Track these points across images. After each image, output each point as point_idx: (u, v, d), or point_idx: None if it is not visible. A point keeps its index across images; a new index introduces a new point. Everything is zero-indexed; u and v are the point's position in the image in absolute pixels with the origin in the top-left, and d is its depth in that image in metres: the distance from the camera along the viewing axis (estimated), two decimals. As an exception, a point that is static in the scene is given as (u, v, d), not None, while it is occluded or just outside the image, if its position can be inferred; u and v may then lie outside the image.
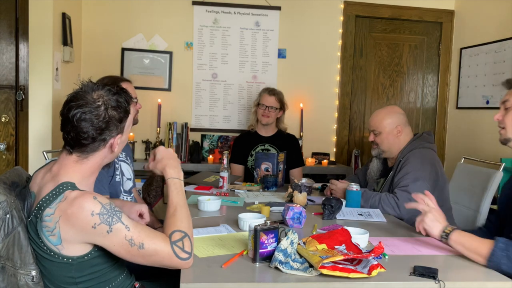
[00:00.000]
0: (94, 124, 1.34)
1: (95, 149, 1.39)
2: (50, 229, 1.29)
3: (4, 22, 2.97)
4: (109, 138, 1.39)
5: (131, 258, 1.33)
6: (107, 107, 1.37)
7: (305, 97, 4.08)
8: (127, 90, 1.47)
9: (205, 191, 2.64)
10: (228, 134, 4.04)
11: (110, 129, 1.38)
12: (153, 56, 3.93)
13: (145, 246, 1.30)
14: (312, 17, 4.07)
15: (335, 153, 4.19)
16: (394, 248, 1.70)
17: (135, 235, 1.30)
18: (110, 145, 1.41)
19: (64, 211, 1.27)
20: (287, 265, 1.43)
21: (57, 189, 1.32)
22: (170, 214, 1.42)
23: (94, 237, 1.30)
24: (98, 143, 1.38)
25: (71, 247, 1.32)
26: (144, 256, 1.32)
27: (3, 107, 2.99)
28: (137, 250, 1.30)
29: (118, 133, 1.42)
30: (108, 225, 1.28)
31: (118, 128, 1.40)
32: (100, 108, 1.35)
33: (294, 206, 1.95)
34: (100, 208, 1.28)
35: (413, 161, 2.38)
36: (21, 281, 1.34)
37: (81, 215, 1.26)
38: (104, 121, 1.36)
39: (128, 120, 1.45)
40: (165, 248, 1.33)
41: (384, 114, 2.58)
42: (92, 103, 1.35)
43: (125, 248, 1.30)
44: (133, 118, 1.53)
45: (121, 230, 1.29)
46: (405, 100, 4.29)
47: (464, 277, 1.48)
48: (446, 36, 4.22)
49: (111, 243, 1.30)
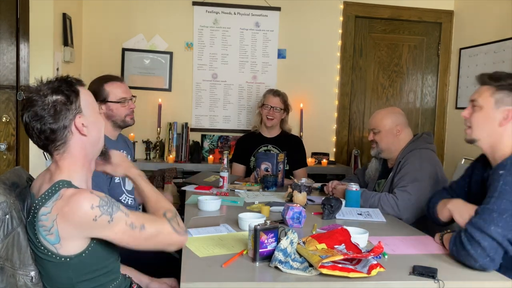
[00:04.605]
0: (44, 116, 1.32)
1: (65, 140, 1.36)
2: (47, 228, 1.29)
3: (5, 22, 2.97)
4: (68, 123, 1.35)
5: (134, 242, 1.35)
6: (47, 94, 1.33)
7: (305, 97, 4.09)
8: (68, 75, 1.43)
9: (205, 191, 2.64)
10: (228, 134, 4.04)
11: (61, 113, 1.33)
12: (154, 56, 3.93)
13: (146, 227, 1.35)
14: (311, 17, 4.07)
15: (334, 153, 4.20)
16: (393, 248, 1.71)
17: (134, 219, 1.34)
18: (76, 130, 1.37)
19: (61, 209, 1.27)
20: (287, 264, 1.43)
21: (53, 187, 1.32)
22: (154, 200, 1.50)
23: (95, 230, 1.30)
24: (62, 132, 1.35)
25: (69, 245, 1.31)
26: (146, 239, 1.36)
27: (4, 107, 3.00)
28: (139, 232, 1.34)
29: (77, 114, 1.36)
30: (109, 215, 1.29)
31: (70, 109, 1.35)
32: (41, 99, 1.33)
33: (294, 206, 1.95)
34: (99, 201, 1.28)
35: (413, 161, 2.39)
36: (20, 281, 1.34)
37: (80, 211, 1.26)
38: (52, 108, 1.33)
39: (82, 100, 1.38)
40: (165, 226, 1.38)
41: (384, 113, 2.60)
42: (34, 97, 1.33)
43: (128, 233, 1.32)
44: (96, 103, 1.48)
45: (121, 218, 1.31)
46: (404, 101, 4.29)
47: (464, 277, 1.48)
48: (446, 37, 4.22)
49: (113, 232, 1.31)
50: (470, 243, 1.52)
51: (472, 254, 1.50)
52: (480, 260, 1.49)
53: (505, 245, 1.50)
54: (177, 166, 3.65)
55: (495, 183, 1.60)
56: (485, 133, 1.74)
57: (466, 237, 1.54)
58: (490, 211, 1.55)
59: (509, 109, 1.68)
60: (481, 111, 1.73)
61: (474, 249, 1.50)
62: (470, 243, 1.52)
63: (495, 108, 1.70)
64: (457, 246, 1.56)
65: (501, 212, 1.53)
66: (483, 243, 1.49)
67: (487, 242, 1.50)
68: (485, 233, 1.51)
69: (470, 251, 1.51)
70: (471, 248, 1.51)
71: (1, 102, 2.99)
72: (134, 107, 2.40)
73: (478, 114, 1.74)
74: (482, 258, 1.49)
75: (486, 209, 1.56)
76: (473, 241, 1.51)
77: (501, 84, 1.69)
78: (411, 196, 2.29)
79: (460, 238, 1.56)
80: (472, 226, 1.54)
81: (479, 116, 1.74)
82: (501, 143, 1.70)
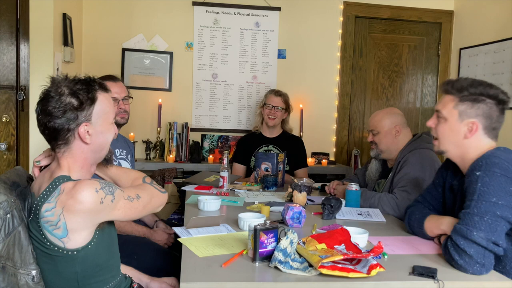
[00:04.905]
0: (53, 114, 1.34)
1: (66, 142, 1.37)
2: (53, 223, 1.31)
3: (5, 22, 2.97)
4: (73, 128, 1.36)
5: (135, 213, 1.43)
6: (63, 94, 1.35)
7: (305, 97, 4.09)
8: (98, 80, 1.44)
9: (205, 191, 2.65)
10: (228, 134, 4.04)
11: (69, 117, 1.35)
12: (154, 56, 3.93)
13: (141, 195, 1.44)
14: (311, 17, 4.07)
15: (334, 153, 4.20)
16: (393, 248, 1.71)
17: (129, 192, 1.42)
18: (79, 136, 1.38)
19: (65, 201, 1.29)
20: (286, 264, 1.43)
21: (53, 183, 1.34)
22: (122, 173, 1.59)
23: (102, 213, 1.34)
24: (64, 134, 1.36)
25: (77, 237, 1.33)
26: (145, 206, 1.44)
27: (4, 107, 3.00)
28: (137, 201, 1.42)
29: (84, 122, 1.37)
30: (111, 194, 1.35)
31: (79, 116, 1.36)
32: (56, 97, 1.35)
33: (293, 205, 1.95)
34: (100, 184, 1.34)
35: (413, 161, 2.39)
36: (21, 280, 1.35)
37: (87, 198, 1.29)
38: (61, 109, 1.34)
39: (97, 109, 1.39)
40: (152, 190, 1.50)
41: (382, 114, 2.60)
42: (51, 93, 1.36)
43: (129, 206, 1.39)
44: (114, 112, 1.49)
45: (120, 193, 1.38)
46: (404, 100, 4.29)
47: (463, 277, 1.48)
48: (446, 37, 4.23)
49: (116, 209, 1.36)
50: (457, 252, 1.50)
51: (462, 264, 1.49)
52: (470, 269, 1.48)
53: (490, 248, 1.48)
54: (177, 166, 3.65)
55: (472, 186, 1.58)
56: (452, 145, 1.72)
57: (452, 247, 1.53)
58: (470, 215, 1.53)
59: (473, 122, 1.66)
60: (446, 123, 1.71)
61: (462, 259, 1.49)
62: (457, 253, 1.50)
63: (459, 121, 1.68)
64: (447, 256, 1.56)
65: (482, 214, 1.51)
66: (469, 251, 1.48)
67: (473, 249, 1.48)
68: (469, 240, 1.49)
69: (459, 261, 1.50)
70: (459, 258, 1.50)
71: (1, 102, 2.99)
72: (125, 107, 2.40)
73: (443, 126, 1.72)
74: (471, 266, 1.48)
75: (467, 214, 1.54)
76: (459, 250, 1.50)
77: (464, 95, 1.67)
78: (411, 196, 2.28)
79: (448, 247, 1.55)
80: (456, 234, 1.53)
81: (444, 128, 1.72)
82: (469, 153, 1.69)
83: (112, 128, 1.48)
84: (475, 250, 1.48)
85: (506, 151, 1.65)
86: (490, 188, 1.53)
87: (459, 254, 1.50)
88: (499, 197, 1.52)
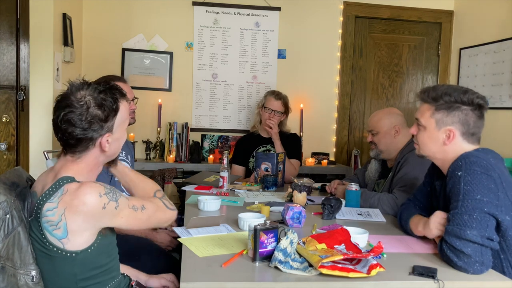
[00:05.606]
0: (77, 125, 1.34)
1: (85, 149, 1.39)
2: (54, 223, 1.31)
3: (5, 22, 2.97)
4: (96, 137, 1.38)
5: (138, 223, 1.43)
6: (90, 106, 1.35)
7: (305, 98, 4.09)
8: (117, 87, 1.45)
9: (205, 191, 2.65)
10: (228, 134, 4.04)
11: (94, 128, 1.36)
12: (154, 56, 3.93)
13: (146, 206, 1.43)
14: (311, 17, 4.07)
15: (334, 153, 4.20)
16: (393, 248, 1.71)
17: (134, 202, 1.41)
18: (99, 145, 1.40)
19: (68, 202, 1.30)
20: (286, 264, 1.43)
21: (56, 183, 1.34)
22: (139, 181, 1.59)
23: (103, 219, 1.34)
24: (86, 143, 1.37)
25: (77, 239, 1.33)
26: (148, 218, 1.44)
27: (4, 107, 3.00)
28: (141, 213, 1.41)
29: (107, 132, 1.39)
30: (115, 200, 1.34)
31: (104, 127, 1.38)
32: (82, 108, 1.34)
33: (293, 206, 1.95)
34: (104, 189, 1.33)
35: (412, 161, 2.39)
36: (21, 281, 1.35)
37: (90, 200, 1.30)
38: (87, 121, 1.35)
39: (118, 119, 1.42)
40: (159, 203, 1.50)
41: (382, 114, 2.60)
42: (75, 103, 1.34)
43: (133, 216, 1.39)
44: (129, 117, 1.51)
45: (124, 201, 1.37)
46: (404, 100, 4.29)
47: (463, 277, 1.48)
48: (446, 37, 4.22)
49: (119, 217, 1.36)
50: (455, 254, 1.50)
51: (462, 265, 1.49)
52: (470, 269, 1.48)
53: (486, 244, 1.49)
54: (177, 166, 3.65)
55: (456, 186, 1.60)
56: (432, 150, 1.77)
57: (448, 249, 1.53)
58: (459, 215, 1.54)
59: (450, 129, 1.70)
60: (425, 131, 1.76)
61: (461, 260, 1.49)
62: (455, 255, 1.51)
63: (436, 129, 1.73)
64: (445, 258, 1.56)
65: (470, 212, 1.53)
66: (467, 250, 1.48)
67: (470, 248, 1.48)
68: (464, 239, 1.50)
69: (458, 263, 1.50)
70: (458, 260, 1.50)
71: (1, 102, 2.99)
72: (135, 107, 2.41)
73: (423, 134, 1.78)
74: (471, 266, 1.48)
75: (456, 214, 1.56)
76: (456, 251, 1.50)
77: (439, 104, 1.71)
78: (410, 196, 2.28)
79: (444, 250, 1.55)
80: (450, 235, 1.53)
81: (424, 136, 1.77)
82: (449, 158, 1.72)
83: (125, 133, 1.51)
84: (472, 249, 1.48)
85: (484, 150, 1.68)
86: (474, 186, 1.56)
87: (457, 255, 1.50)
88: (483, 194, 1.54)
